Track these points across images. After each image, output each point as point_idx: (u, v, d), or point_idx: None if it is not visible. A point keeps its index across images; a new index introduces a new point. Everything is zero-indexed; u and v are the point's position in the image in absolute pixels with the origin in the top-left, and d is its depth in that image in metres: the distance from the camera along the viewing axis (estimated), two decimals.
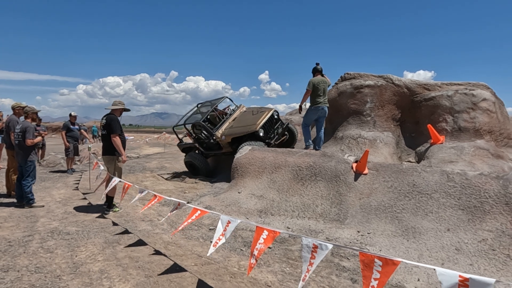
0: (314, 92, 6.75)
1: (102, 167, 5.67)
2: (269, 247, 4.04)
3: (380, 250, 3.92)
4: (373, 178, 5.16)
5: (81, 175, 9.21)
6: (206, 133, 9.71)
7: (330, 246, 2.15)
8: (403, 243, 4.04)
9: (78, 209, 5.71)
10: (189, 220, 3.44)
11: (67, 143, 9.50)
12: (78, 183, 8.10)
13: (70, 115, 10.01)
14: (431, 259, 3.68)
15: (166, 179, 9.36)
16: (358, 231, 4.44)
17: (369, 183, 5.12)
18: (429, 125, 6.73)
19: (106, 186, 5.33)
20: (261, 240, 2.52)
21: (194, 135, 9.84)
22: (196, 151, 9.86)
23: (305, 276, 2.18)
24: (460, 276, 1.61)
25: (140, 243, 4.13)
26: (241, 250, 4.00)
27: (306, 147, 6.86)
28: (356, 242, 4.16)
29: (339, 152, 6.89)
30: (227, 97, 10.64)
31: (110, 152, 5.43)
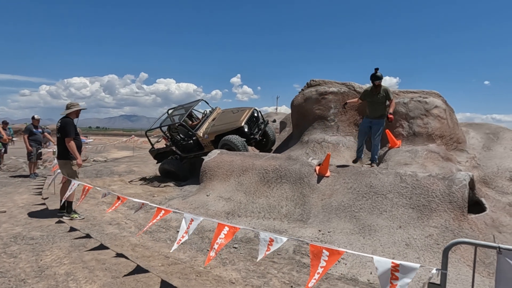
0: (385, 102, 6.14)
1: (59, 170, 5.62)
2: (235, 247, 4.22)
3: (338, 247, 4.20)
4: (334, 180, 5.48)
5: (45, 180, 8.95)
6: (183, 135, 9.71)
7: (284, 239, 2.37)
8: (360, 240, 4.35)
9: (42, 214, 5.61)
10: (154, 220, 3.55)
11: (30, 147, 9.22)
12: (41, 188, 7.89)
13: (33, 118, 9.70)
14: (384, 254, 4.00)
15: (130, 182, 9.28)
16: (319, 230, 4.71)
17: (331, 184, 5.44)
18: (387, 130, 7.18)
19: (63, 190, 5.29)
20: (222, 236, 2.70)
21: (169, 137, 9.78)
22: (170, 157, 9.81)
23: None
24: (392, 262, 1.87)
25: (107, 246, 4.17)
26: (208, 250, 4.14)
27: (376, 164, 6.37)
28: (316, 240, 4.42)
29: (304, 155, 7.18)
30: (203, 100, 10.73)
31: (64, 156, 5.40)
